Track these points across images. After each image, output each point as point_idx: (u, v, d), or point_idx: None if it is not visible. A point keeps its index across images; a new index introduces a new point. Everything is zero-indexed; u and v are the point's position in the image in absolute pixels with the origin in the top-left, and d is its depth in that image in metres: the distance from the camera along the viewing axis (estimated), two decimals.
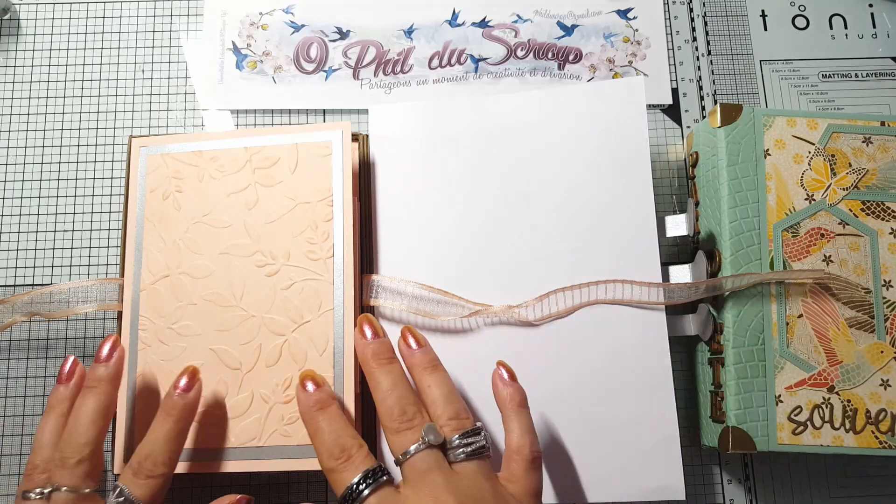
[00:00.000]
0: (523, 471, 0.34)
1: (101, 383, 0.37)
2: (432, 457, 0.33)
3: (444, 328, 0.42)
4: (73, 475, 0.34)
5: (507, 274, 0.42)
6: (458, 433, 0.34)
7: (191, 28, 0.49)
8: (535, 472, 0.35)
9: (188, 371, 0.38)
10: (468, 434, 0.34)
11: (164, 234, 0.41)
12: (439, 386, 0.36)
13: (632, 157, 0.43)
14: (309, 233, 0.40)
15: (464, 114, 0.44)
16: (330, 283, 0.40)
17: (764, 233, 0.41)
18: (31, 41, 0.49)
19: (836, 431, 0.39)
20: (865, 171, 0.42)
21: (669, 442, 0.40)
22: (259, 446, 0.38)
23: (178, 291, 0.40)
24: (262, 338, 0.39)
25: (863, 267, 0.41)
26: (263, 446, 0.38)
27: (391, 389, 0.35)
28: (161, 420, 0.36)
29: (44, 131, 0.47)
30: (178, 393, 0.37)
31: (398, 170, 0.43)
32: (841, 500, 0.44)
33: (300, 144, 0.42)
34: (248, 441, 0.38)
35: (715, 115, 0.42)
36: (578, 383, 0.41)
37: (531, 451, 0.35)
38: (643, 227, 0.42)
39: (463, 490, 0.32)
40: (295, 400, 0.37)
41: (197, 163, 0.42)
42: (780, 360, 0.40)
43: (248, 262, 0.40)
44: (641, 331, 0.41)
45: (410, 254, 0.42)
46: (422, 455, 0.33)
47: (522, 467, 0.35)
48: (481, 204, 0.43)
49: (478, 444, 0.34)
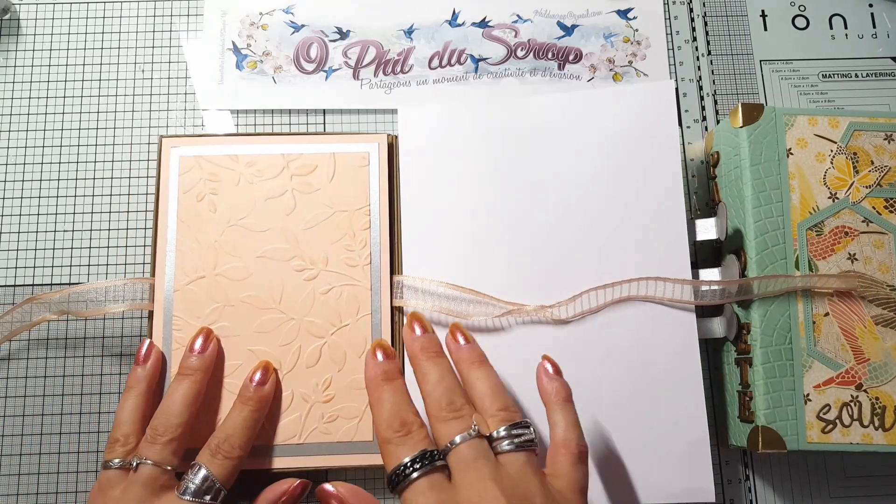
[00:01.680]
0: (570, 465, 0.34)
1: (196, 372, 0.39)
2: (479, 446, 0.33)
3: (475, 327, 0.42)
4: (163, 452, 0.36)
5: (536, 275, 0.42)
6: (505, 425, 0.34)
7: (191, 28, 0.49)
8: (582, 466, 0.34)
9: (261, 366, 0.40)
10: (516, 426, 0.34)
11: (198, 235, 0.42)
12: (486, 379, 0.36)
13: (662, 160, 0.43)
14: (347, 240, 0.42)
15: (493, 115, 0.44)
16: (367, 288, 0.42)
17: (789, 232, 0.41)
18: (31, 41, 0.49)
19: (866, 429, 0.39)
20: (888, 169, 0.42)
21: (699, 443, 0.40)
22: (300, 443, 0.40)
23: (215, 293, 0.41)
24: (301, 340, 0.41)
25: (887, 264, 0.41)
26: (304, 443, 0.40)
27: (439, 381, 0.35)
28: (238, 408, 0.38)
29: (44, 131, 0.47)
30: (254, 386, 0.39)
31: (425, 170, 0.44)
32: (841, 500, 0.44)
33: (337, 154, 0.43)
34: (289, 438, 0.40)
35: (736, 114, 0.42)
36: (608, 384, 0.41)
37: (577, 446, 0.34)
38: (673, 230, 0.42)
39: (509, 480, 0.32)
40: (335, 398, 0.40)
41: (233, 167, 0.43)
42: (808, 358, 0.40)
43: (286, 266, 0.42)
44: (672, 332, 0.41)
45: (435, 254, 0.43)
46: (469, 444, 0.33)
47: (569, 461, 0.34)
48: (508, 205, 0.43)
49: (526, 436, 0.34)
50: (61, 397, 0.43)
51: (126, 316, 0.45)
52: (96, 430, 0.43)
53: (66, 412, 0.43)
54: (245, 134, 0.46)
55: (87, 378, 0.44)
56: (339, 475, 0.43)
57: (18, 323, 0.42)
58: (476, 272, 0.42)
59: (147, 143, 0.47)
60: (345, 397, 0.40)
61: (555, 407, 0.36)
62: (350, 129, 0.48)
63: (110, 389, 0.44)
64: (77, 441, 0.43)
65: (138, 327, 0.44)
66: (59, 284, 0.45)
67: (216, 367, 0.40)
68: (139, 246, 0.46)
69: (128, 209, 0.46)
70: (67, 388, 0.44)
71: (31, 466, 0.43)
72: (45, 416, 0.43)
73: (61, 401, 0.43)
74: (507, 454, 0.33)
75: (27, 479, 0.43)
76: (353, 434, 0.40)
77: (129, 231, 0.46)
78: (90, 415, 0.43)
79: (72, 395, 0.44)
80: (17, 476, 0.43)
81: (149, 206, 0.46)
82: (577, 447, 0.34)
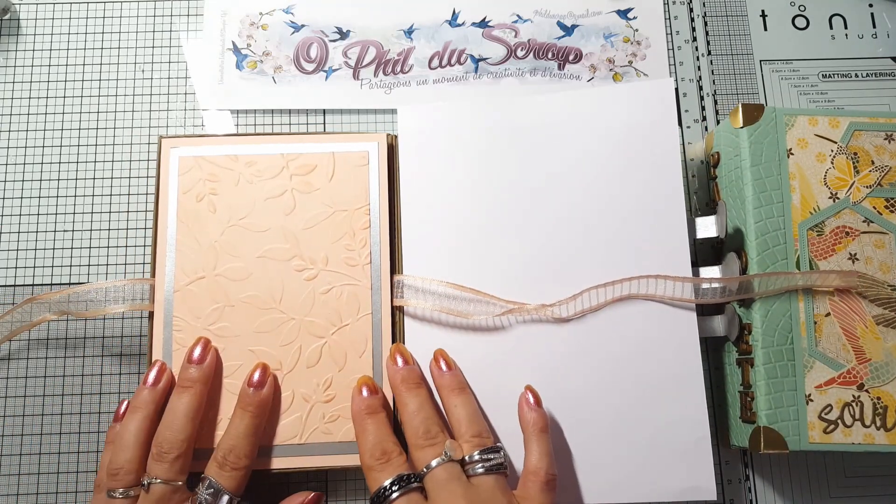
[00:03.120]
0: (538, 491, 0.37)
1: (196, 384, 0.39)
2: (453, 469, 0.36)
3: (476, 326, 0.42)
4: (171, 469, 0.36)
5: (537, 273, 0.42)
6: (478, 449, 0.37)
7: (191, 28, 0.49)
8: (550, 493, 0.37)
9: (259, 367, 0.40)
10: (488, 451, 0.37)
11: (198, 235, 0.42)
12: (464, 406, 0.39)
13: (662, 158, 0.43)
14: (346, 239, 0.42)
15: (492, 115, 0.44)
16: (368, 288, 0.42)
17: (790, 232, 0.41)
18: (31, 41, 0.49)
19: (867, 429, 0.39)
20: (888, 169, 0.42)
21: (700, 442, 0.40)
22: (301, 444, 0.40)
23: (215, 293, 0.41)
24: (301, 340, 0.41)
25: (888, 264, 0.41)
26: (305, 443, 0.40)
27: (417, 411, 0.38)
28: (239, 415, 0.38)
29: (44, 131, 0.47)
30: (252, 390, 0.39)
31: (425, 169, 0.44)
32: (841, 500, 0.44)
33: (337, 153, 0.43)
34: (290, 438, 0.40)
35: (737, 115, 0.42)
36: (610, 382, 0.41)
37: (547, 474, 0.37)
38: (674, 228, 0.42)
39: (480, 500, 0.35)
40: (335, 398, 0.40)
41: (232, 166, 0.43)
42: (809, 359, 0.40)
43: (286, 266, 0.42)
44: (673, 331, 0.41)
45: (436, 253, 0.43)
46: (443, 468, 0.36)
47: (537, 487, 0.37)
48: (509, 204, 0.43)
49: (496, 460, 0.37)
50: (61, 397, 0.43)
51: (126, 316, 0.45)
52: (96, 430, 0.43)
53: (66, 412, 0.43)
54: (244, 134, 0.46)
55: (87, 378, 0.44)
56: (339, 475, 0.43)
57: (18, 323, 0.42)
58: (476, 271, 0.42)
59: (147, 143, 0.47)
60: (345, 397, 0.40)
61: (531, 436, 0.38)
62: (350, 129, 0.48)
63: (110, 389, 0.44)
64: (77, 441, 0.43)
65: (138, 327, 0.44)
66: (59, 284, 0.45)
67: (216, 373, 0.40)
68: (139, 246, 0.46)
69: (128, 209, 0.46)
70: (67, 388, 0.44)
71: (31, 466, 0.43)
72: (45, 416, 0.43)
73: (61, 401, 0.43)
74: (479, 476, 0.36)
75: (27, 479, 0.43)
76: (353, 434, 0.40)
77: (129, 231, 0.46)
78: (90, 415, 0.43)
79: (72, 395, 0.44)
80: (17, 476, 0.43)
81: (149, 206, 0.46)
82: (546, 475, 0.37)
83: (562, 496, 0.40)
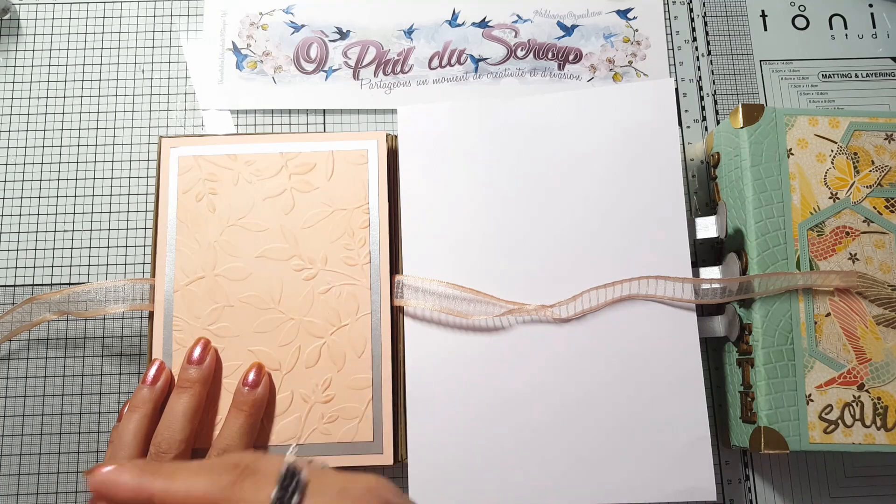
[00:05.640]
0: None
1: (195, 385, 0.39)
2: None
3: (476, 327, 0.42)
4: None
5: (537, 274, 0.42)
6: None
7: (191, 28, 0.49)
8: None
9: (254, 367, 0.40)
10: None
11: (197, 235, 0.42)
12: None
13: (662, 159, 0.43)
14: (346, 238, 0.42)
15: (492, 115, 0.44)
16: (367, 287, 0.41)
17: (790, 232, 0.41)
18: (31, 41, 0.49)
19: (868, 429, 0.39)
20: (888, 169, 0.42)
21: (700, 442, 0.40)
22: (300, 444, 0.40)
23: (215, 293, 0.41)
24: (300, 340, 0.41)
25: (888, 264, 0.41)
26: (304, 444, 0.40)
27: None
28: (234, 415, 0.38)
29: (44, 131, 0.47)
30: (247, 389, 0.39)
31: (425, 169, 0.44)
32: (841, 500, 0.44)
33: (336, 152, 0.43)
34: (289, 439, 0.40)
35: (737, 115, 0.42)
36: (609, 383, 0.41)
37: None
38: (674, 229, 0.42)
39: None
40: (334, 399, 0.40)
41: (232, 166, 0.43)
42: (810, 359, 0.40)
43: (285, 266, 0.42)
44: (672, 331, 0.41)
45: (436, 253, 0.43)
46: None
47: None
48: (509, 204, 0.43)
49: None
50: (61, 397, 0.43)
51: (126, 316, 0.45)
52: (96, 430, 0.43)
53: (66, 412, 0.43)
54: (244, 134, 0.46)
55: (87, 378, 0.44)
56: None
57: (18, 323, 0.42)
58: (476, 271, 0.42)
59: (147, 143, 0.47)
60: (345, 397, 0.40)
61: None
62: (350, 130, 0.48)
63: (110, 389, 0.44)
64: (77, 441, 0.43)
65: (138, 327, 0.44)
66: (59, 284, 0.45)
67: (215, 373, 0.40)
68: (139, 246, 0.46)
69: (128, 209, 0.46)
70: (67, 388, 0.44)
71: (31, 466, 0.43)
72: (45, 416, 0.43)
73: (61, 401, 0.43)
74: None
75: (27, 479, 0.43)
76: (353, 434, 0.40)
77: (129, 231, 0.46)
78: (90, 415, 0.43)
79: (72, 395, 0.44)
80: (17, 476, 0.43)
81: (149, 206, 0.46)
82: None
83: (562, 496, 0.40)
